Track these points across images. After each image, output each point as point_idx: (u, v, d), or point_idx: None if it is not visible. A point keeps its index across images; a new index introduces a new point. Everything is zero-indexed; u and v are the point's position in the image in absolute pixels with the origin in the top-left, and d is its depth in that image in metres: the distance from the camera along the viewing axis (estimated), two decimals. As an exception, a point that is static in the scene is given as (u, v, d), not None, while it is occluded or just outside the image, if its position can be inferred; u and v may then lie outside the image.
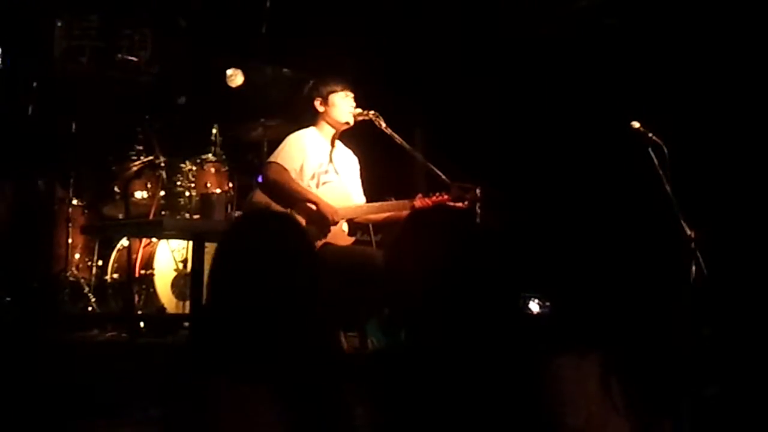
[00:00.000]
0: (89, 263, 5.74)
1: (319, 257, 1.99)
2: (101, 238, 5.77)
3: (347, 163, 5.04)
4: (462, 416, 1.89)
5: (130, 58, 6.42)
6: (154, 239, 5.61)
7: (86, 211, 5.82)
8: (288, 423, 1.74)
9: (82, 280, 5.59)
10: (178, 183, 5.64)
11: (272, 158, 4.83)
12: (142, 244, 5.66)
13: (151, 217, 5.49)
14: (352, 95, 4.89)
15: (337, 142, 4.97)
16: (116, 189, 5.76)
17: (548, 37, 7.16)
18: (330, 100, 4.85)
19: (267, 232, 1.95)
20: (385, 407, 1.89)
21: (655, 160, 4.74)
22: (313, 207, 4.69)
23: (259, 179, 5.26)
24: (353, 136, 5.10)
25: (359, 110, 4.85)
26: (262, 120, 5.84)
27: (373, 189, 5.17)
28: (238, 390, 1.75)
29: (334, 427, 1.79)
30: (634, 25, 6.70)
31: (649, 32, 6.61)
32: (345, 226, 4.84)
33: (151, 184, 5.70)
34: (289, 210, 4.71)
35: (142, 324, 5.32)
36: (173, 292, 5.55)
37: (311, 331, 1.86)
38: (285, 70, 6.19)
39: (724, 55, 6.09)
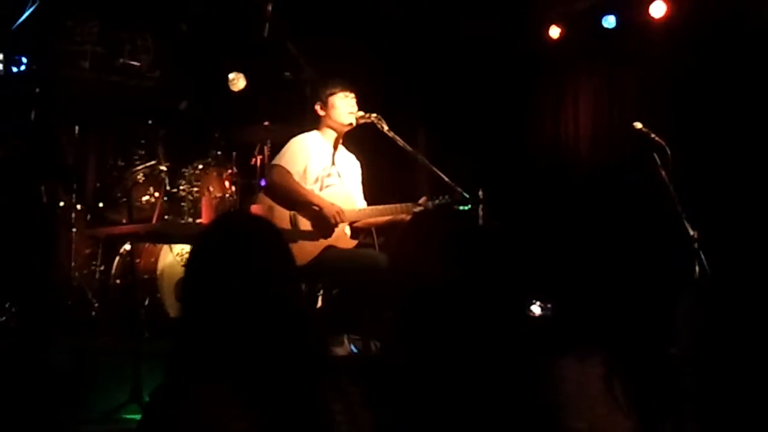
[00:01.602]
0: (92, 268, 5.73)
1: (293, 257, 1.97)
2: (104, 242, 5.76)
3: (350, 166, 5.04)
4: (466, 418, 1.89)
5: (132, 62, 6.42)
6: (157, 244, 5.61)
7: (89, 216, 5.82)
8: (264, 426, 1.74)
9: (85, 286, 5.59)
10: (181, 187, 5.64)
11: (276, 161, 4.84)
12: (145, 249, 5.66)
13: (154, 221, 5.49)
14: (352, 95, 4.88)
15: (340, 146, 4.96)
16: (119, 194, 5.76)
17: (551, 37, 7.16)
18: (330, 102, 4.85)
19: (234, 234, 1.94)
20: (389, 409, 1.89)
21: (658, 161, 4.74)
22: (317, 209, 4.70)
23: (263, 182, 5.27)
24: (356, 139, 5.10)
25: (361, 113, 4.85)
26: (265, 123, 5.84)
27: (375, 192, 5.18)
28: (211, 393, 1.75)
29: (312, 428, 1.79)
30: (635, 26, 6.71)
31: (650, 33, 6.61)
32: (348, 229, 4.84)
33: (154, 188, 5.71)
34: (292, 212, 4.71)
35: (145, 329, 5.32)
36: (176, 297, 5.54)
37: (289, 333, 1.85)
38: (287, 73, 6.19)
39: (725, 56, 6.08)
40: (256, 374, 1.77)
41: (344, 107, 4.85)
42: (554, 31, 7.14)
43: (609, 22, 6.81)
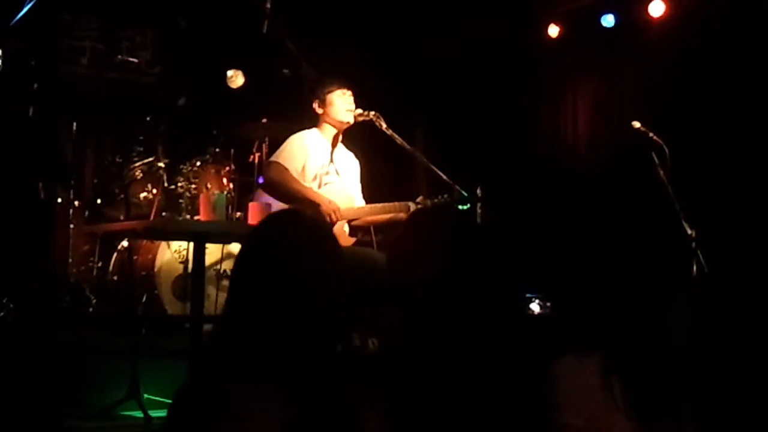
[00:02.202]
0: (90, 264, 5.74)
1: (344, 259, 1.97)
2: (102, 239, 5.77)
3: (348, 164, 5.03)
4: (464, 416, 1.89)
5: (131, 59, 6.42)
6: (154, 240, 5.61)
7: (87, 213, 5.82)
8: (298, 425, 1.74)
9: (83, 282, 5.59)
10: (179, 184, 5.64)
11: (274, 158, 4.83)
12: (143, 246, 5.66)
13: (151, 218, 5.48)
14: (350, 93, 4.87)
15: (339, 144, 4.96)
16: (117, 190, 5.76)
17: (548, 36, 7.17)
18: (327, 100, 4.84)
19: (294, 233, 1.93)
20: (386, 407, 1.89)
21: (656, 160, 4.74)
22: (315, 206, 4.69)
23: (260, 180, 5.26)
24: (354, 137, 5.10)
25: (360, 111, 4.84)
26: (263, 121, 5.84)
27: (374, 190, 5.17)
28: (250, 391, 1.75)
29: (342, 429, 1.78)
30: (634, 25, 6.71)
31: (650, 32, 6.62)
32: (346, 227, 4.83)
33: (151, 185, 5.71)
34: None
35: (142, 325, 5.32)
36: (174, 293, 5.55)
37: (328, 333, 1.85)
38: (285, 70, 6.19)
39: (724, 55, 6.09)
40: (290, 375, 1.77)
41: (342, 105, 4.84)
42: (553, 30, 7.14)
43: (608, 20, 6.82)
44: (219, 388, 1.75)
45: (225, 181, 5.73)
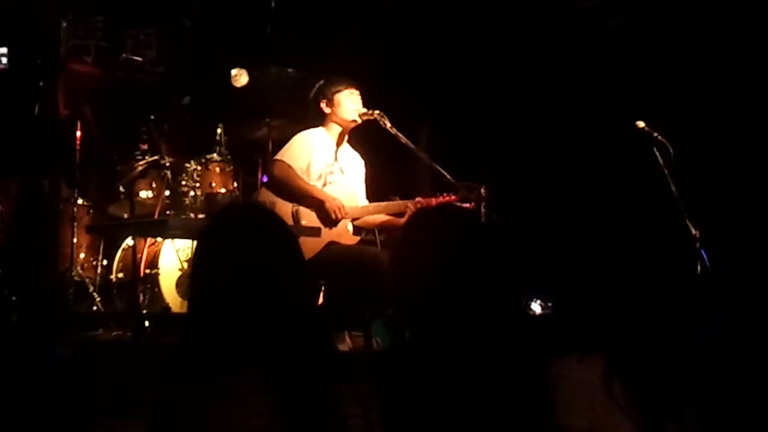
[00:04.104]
0: (94, 263, 5.74)
1: (299, 246, 1.98)
2: (106, 237, 5.77)
3: (353, 164, 5.04)
4: (465, 416, 1.89)
5: (135, 57, 6.42)
6: (158, 239, 5.61)
7: (91, 211, 5.82)
8: (277, 417, 1.74)
9: (87, 280, 5.59)
10: (183, 182, 5.64)
11: (279, 156, 4.84)
12: (147, 244, 5.66)
13: (156, 216, 5.49)
14: (357, 92, 4.89)
15: (345, 144, 4.97)
16: (121, 188, 5.76)
17: (554, 36, 7.16)
18: (335, 99, 4.85)
19: (240, 223, 1.94)
20: (389, 407, 1.89)
21: (660, 160, 4.73)
22: (319, 203, 4.70)
23: (265, 178, 5.27)
24: (358, 136, 5.10)
25: (364, 110, 4.85)
26: (267, 120, 5.84)
27: (378, 189, 5.17)
28: (226, 384, 1.75)
29: (324, 423, 1.79)
30: (639, 25, 6.70)
31: (654, 32, 6.61)
32: (350, 226, 4.84)
33: (156, 183, 5.71)
34: (294, 208, 4.72)
35: (146, 323, 5.32)
36: (178, 292, 5.55)
37: (298, 324, 1.85)
38: (289, 69, 6.18)
39: (728, 55, 6.08)
40: (277, 369, 1.77)
41: (350, 104, 4.85)
42: (556, 30, 7.14)
43: (612, 21, 6.82)
44: (204, 376, 1.76)
45: (229, 179, 5.73)
